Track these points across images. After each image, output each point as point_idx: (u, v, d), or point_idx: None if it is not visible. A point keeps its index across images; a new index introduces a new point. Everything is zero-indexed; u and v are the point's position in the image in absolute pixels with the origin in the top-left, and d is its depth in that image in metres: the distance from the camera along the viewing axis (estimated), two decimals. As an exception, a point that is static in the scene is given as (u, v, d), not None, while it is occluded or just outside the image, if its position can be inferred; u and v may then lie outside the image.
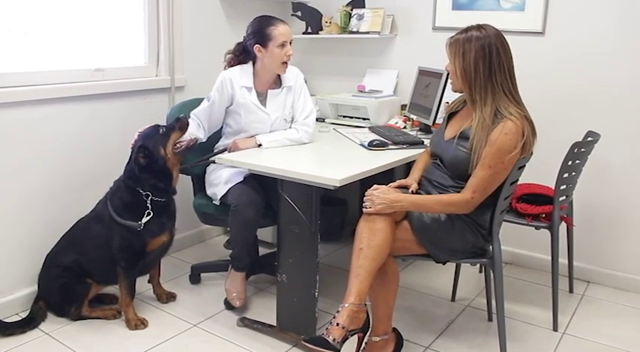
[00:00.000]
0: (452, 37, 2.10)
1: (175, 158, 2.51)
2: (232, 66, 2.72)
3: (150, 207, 2.45)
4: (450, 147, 2.12)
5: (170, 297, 2.78)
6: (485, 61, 2.00)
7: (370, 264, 1.96)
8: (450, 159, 2.12)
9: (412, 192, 2.18)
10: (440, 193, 2.14)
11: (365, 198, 2.07)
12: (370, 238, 1.99)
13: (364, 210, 2.05)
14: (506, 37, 3.02)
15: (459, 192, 2.07)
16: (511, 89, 2.04)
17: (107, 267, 2.49)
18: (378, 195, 2.04)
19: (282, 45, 2.58)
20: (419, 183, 2.28)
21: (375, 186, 2.09)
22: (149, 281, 2.79)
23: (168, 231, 2.57)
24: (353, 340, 2.01)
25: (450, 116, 2.27)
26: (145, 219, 2.44)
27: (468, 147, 2.05)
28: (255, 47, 2.61)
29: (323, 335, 1.87)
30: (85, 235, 2.54)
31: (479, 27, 2.05)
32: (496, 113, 2.00)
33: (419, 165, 2.38)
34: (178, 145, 2.51)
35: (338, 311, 1.92)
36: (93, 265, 2.51)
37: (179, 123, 2.52)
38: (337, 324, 1.89)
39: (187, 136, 2.55)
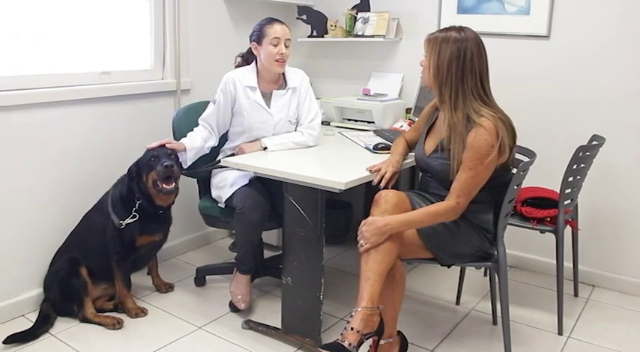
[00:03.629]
0: (431, 34, 2.11)
1: (154, 191, 2.51)
2: (239, 65, 2.77)
3: (137, 209, 2.52)
4: (433, 161, 2.14)
5: (169, 288, 2.89)
6: (458, 63, 2.01)
7: (379, 266, 1.96)
8: (437, 172, 2.14)
9: (382, 177, 2.20)
10: (437, 200, 2.14)
11: (358, 237, 2.02)
12: (378, 241, 1.98)
13: (361, 250, 2.00)
14: (511, 40, 3.10)
15: None
16: (481, 93, 2.04)
17: (103, 258, 2.55)
18: (367, 229, 1.99)
19: (275, 43, 2.59)
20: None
21: (363, 221, 2.03)
22: (148, 273, 2.88)
23: (158, 234, 2.65)
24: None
25: (428, 129, 2.27)
26: (128, 220, 2.50)
27: (448, 157, 2.05)
28: (252, 45, 2.66)
29: (338, 341, 1.87)
30: (86, 223, 2.62)
31: (459, 29, 2.06)
32: (468, 118, 2.01)
33: (398, 148, 2.40)
34: (159, 183, 2.48)
35: (351, 316, 1.91)
36: (91, 255, 2.55)
37: (161, 168, 2.45)
38: (352, 329, 1.88)
39: (197, 148, 2.62)
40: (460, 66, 2.01)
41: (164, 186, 2.49)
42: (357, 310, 1.91)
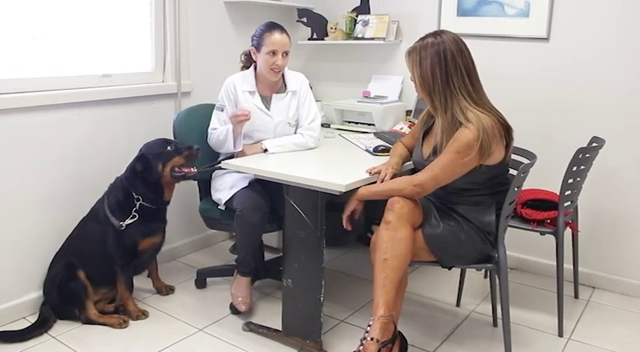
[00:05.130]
0: (410, 47, 2.12)
1: (171, 178, 2.56)
2: (245, 66, 2.79)
3: (137, 210, 2.52)
4: (430, 163, 2.14)
5: (169, 290, 2.90)
6: (441, 67, 2.01)
7: (395, 274, 1.96)
8: None
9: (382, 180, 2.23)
10: (441, 204, 2.16)
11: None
12: (394, 248, 1.98)
13: (346, 226, 2.26)
14: (510, 43, 3.11)
15: (457, 197, 2.10)
16: (470, 91, 2.03)
17: (102, 265, 2.55)
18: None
19: (273, 53, 2.60)
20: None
21: None
22: (149, 276, 2.89)
23: (159, 234, 2.66)
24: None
25: (424, 134, 2.28)
26: (128, 221, 2.50)
27: None
28: (251, 49, 2.67)
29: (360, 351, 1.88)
30: (81, 232, 2.61)
31: (435, 34, 2.07)
32: (455, 118, 2.01)
33: (397, 150, 2.41)
34: (177, 170, 2.55)
35: (369, 325, 1.92)
36: (88, 262, 2.54)
37: (188, 151, 2.55)
38: (372, 339, 1.88)
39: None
40: (443, 68, 2.01)
41: (191, 170, 2.55)
42: (375, 319, 1.91)
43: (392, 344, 2.00)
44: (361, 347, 1.89)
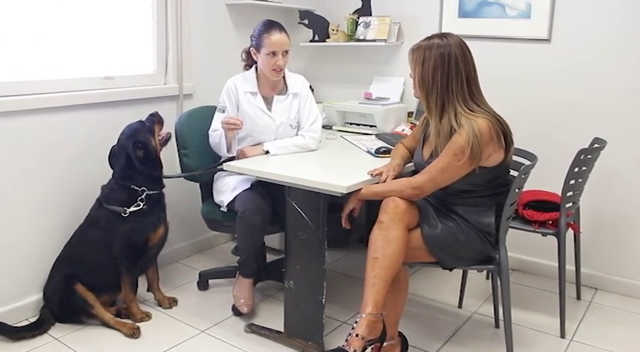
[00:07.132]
0: (415, 45, 2.12)
1: (160, 147, 2.67)
2: (247, 64, 2.79)
3: (144, 200, 2.54)
4: None
5: (172, 302, 2.80)
6: (443, 70, 2.01)
7: (386, 273, 1.96)
8: None
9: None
10: (439, 205, 2.16)
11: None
12: (385, 247, 1.98)
13: (344, 224, 2.25)
14: (512, 44, 3.12)
15: (456, 198, 2.10)
16: (467, 98, 2.03)
17: (104, 272, 2.54)
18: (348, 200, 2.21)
19: (273, 54, 2.60)
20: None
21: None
22: (148, 290, 2.81)
23: (163, 223, 2.67)
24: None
25: (425, 136, 2.28)
26: (132, 208, 2.51)
27: None
28: (251, 50, 2.68)
29: (343, 347, 1.87)
30: (82, 240, 2.59)
31: (442, 36, 2.07)
32: (449, 123, 2.02)
33: (398, 152, 2.41)
34: (160, 137, 2.67)
35: (356, 322, 1.91)
36: (89, 271, 2.52)
37: (156, 117, 2.68)
38: (357, 335, 1.88)
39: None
40: (445, 72, 2.01)
41: (168, 132, 2.70)
42: (362, 316, 1.91)
43: (381, 343, 2.00)
44: (345, 343, 1.89)
